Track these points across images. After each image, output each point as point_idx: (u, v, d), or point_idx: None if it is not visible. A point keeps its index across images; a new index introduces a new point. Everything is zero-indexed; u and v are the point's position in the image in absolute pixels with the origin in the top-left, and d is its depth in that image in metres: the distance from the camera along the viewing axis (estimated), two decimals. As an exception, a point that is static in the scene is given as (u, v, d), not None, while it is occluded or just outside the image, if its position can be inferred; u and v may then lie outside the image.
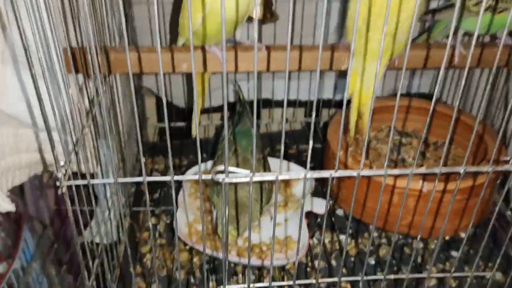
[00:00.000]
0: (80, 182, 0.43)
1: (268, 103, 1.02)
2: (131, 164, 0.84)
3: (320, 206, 0.76)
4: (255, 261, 0.67)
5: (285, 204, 0.79)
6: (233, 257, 0.67)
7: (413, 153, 0.86)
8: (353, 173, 0.45)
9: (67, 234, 0.98)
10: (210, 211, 0.78)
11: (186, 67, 0.63)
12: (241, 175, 0.44)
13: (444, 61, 0.39)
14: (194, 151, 0.98)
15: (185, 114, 1.01)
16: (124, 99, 0.78)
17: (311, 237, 0.78)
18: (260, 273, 0.73)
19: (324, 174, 0.45)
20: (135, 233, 0.81)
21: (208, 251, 0.68)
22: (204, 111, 1.02)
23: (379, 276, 0.55)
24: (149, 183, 0.93)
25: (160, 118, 1.03)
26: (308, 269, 0.73)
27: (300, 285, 0.71)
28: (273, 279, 0.70)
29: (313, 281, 0.52)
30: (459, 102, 0.41)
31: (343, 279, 0.54)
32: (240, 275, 0.72)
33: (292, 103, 1.03)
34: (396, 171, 0.46)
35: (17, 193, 0.93)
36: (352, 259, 0.75)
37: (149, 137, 1.03)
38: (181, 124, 1.01)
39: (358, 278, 0.53)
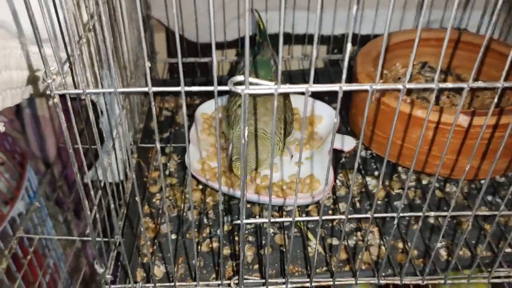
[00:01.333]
0: (74, 91, 0.36)
1: (287, 38, 0.93)
2: (139, 98, 0.77)
3: (348, 142, 0.69)
4: (275, 200, 0.61)
5: (307, 142, 0.72)
6: (251, 195, 0.61)
7: (447, 92, 0.78)
8: (398, 85, 0.38)
9: (70, 175, 0.93)
10: (225, 148, 0.71)
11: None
12: (264, 86, 0.37)
13: None
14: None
15: (198, 48, 0.93)
16: (130, 24, 0.70)
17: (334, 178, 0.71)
18: (279, 214, 0.67)
19: (364, 86, 0.37)
20: (143, 172, 0.75)
21: (224, 188, 0.62)
22: (218, 46, 0.94)
23: (417, 213, 0.49)
24: (159, 121, 0.89)
25: (170, 53, 0.96)
26: (330, 211, 0.67)
27: (326, 222, 0.65)
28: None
29: (342, 216, 0.46)
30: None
31: (376, 215, 0.47)
32: (257, 217, 0.67)
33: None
34: (449, 85, 0.38)
35: (20, 130, 0.87)
36: (380, 202, 0.69)
37: (159, 74, 0.95)
38: (192, 59, 0.94)
39: (394, 214, 0.47)
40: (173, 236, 0.64)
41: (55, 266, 0.82)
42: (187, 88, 0.37)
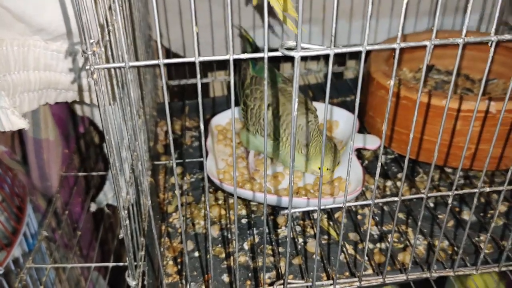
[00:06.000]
0: (116, 64, 0.33)
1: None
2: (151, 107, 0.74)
3: (371, 140, 0.66)
4: (300, 201, 0.58)
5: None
6: (272, 197, 0.58)
7: (459, 91, 0.78)
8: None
9: (74, 208, 0.88)
10: (243, 158, 0.68)
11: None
12: (316, 48, 0.35)
13: None
14: (213, 110, 0.89)
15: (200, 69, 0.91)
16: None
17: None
18: (303, 223, 0.63)
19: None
20: (157, 192, 0.71)
21: (250, 193, 0.58)
22: (220, 66, 0.93)
23: (471, 191, 0.46)
24: (165, 145, 0.86)
25: (171, 75, 0.94)
26: (359, 216, 0.64)
27: (355, 227, 0.62)
28: (321, 229, 0.61)
29: (397, 198, 0.43)
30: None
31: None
32: (283, 227, 0.63)
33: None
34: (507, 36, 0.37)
35: (19, 160, 0.82)
36: (407, 203, 0.66)
37: (160, 98, 0.93)
38: (194, 80, 0.92)
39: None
40: (196, 254, 0.60)
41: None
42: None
